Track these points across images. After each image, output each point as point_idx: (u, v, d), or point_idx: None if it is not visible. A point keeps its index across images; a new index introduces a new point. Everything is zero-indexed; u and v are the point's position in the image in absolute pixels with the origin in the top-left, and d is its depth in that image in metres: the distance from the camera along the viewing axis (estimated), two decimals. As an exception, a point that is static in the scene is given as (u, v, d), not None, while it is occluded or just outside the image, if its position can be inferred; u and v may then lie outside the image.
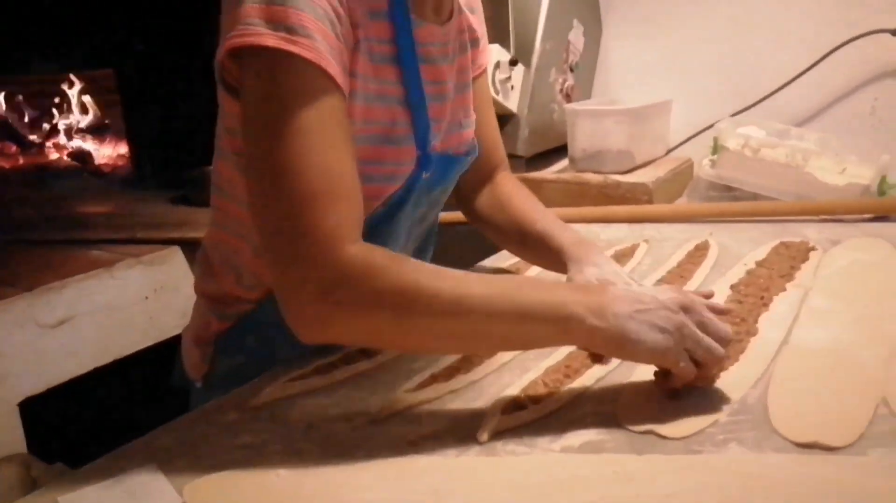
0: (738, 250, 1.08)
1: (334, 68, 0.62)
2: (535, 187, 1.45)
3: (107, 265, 1.34)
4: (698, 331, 0.62)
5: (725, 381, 0.67)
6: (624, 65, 1.71)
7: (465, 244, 1.18)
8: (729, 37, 1.56)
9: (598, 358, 0.72)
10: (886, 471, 0.54)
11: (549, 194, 1.44)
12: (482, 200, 0.97)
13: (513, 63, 1.37)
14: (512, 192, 0.96)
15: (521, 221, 0.93)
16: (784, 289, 0.91)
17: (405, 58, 0.74)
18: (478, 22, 0.90)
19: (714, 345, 0.62)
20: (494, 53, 1.35)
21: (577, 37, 1.58)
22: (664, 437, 0.59)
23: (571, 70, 1.58)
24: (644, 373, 0.68)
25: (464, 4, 0.86)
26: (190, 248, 1.48)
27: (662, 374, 0.64)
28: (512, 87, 1.42)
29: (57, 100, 2.47)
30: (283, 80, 0.61)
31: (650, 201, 1.33)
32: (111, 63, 2.15)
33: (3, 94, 2.41)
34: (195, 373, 0.86)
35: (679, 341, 0.61)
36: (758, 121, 1.44)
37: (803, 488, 0.52)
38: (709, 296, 0.73)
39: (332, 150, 0.61)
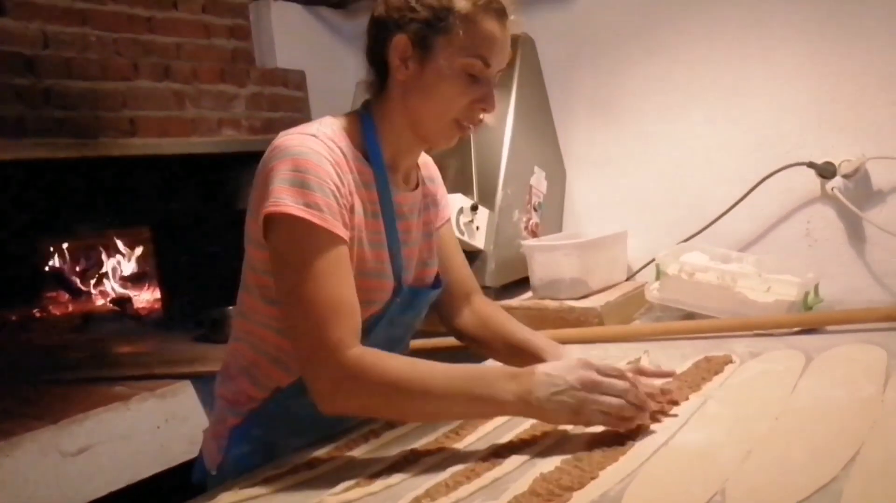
0: (666, 364, 1.20)
1: (339, 228, 0.90)
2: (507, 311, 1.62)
3: (124, 399, 1.52)
4: (598, 398, 0.87)
5: (601, 476, 0.80)
6: (588, 201, 1.91)
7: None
8: (674, 171, 1.75)
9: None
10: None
11: (519, 318, 1.60)
12: (464, 321, 1.19)
13: (474, 208, 1.58)
14: (489, 313, 1.20)
15: (503, 334, 1.17)
16: (687, 398, 1.03)
17: (386, 215, 1.00)
18: (436, 188, 1.16)
19: (612, 401, 0.88)
20: (457, 201, 1.56)
21: (538, 181, 1.79)
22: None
23: (536, 209, 1.78)
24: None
25: (425, 177, 1.13)
26: (200, 381, 1.67)
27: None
28: (477, 228, 1.61)
29: (103, 254, 2.78)
30: (302, 238, 0.89)
31: (601, 323, 1.48)
32: (146, 221, 2.46)
33: (56, 249, 2.72)
34: (211, 463, 1.05)
35: (584, 409, 0.87)
36: (703, 246, 1.60)
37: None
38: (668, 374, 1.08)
39: (338, 284, 0.90)
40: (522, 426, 0.98)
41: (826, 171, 1.53)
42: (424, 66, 0.96)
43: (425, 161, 1.15)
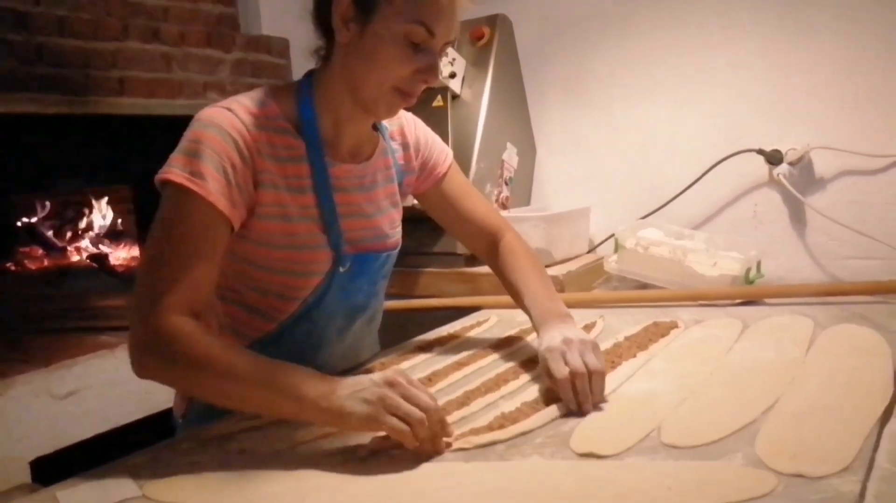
0: (618, 328, 1.33)
1: (219, 202, 0.90)
2: (472, 279, 1.74)
3: (111, 347, 1.61)
4: (399, 400, 0.80)
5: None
6: (556, 177, 2.02)
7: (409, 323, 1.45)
8: (637, 153, 1.87)
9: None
10: (632, 469, 0.78)
11: (484, 286, 1.71)
12: (495, 262, 1.23)
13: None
14: (510, 257, 1.20)
15: (513, 286, 1.19)
16: (635, 356, 1.15)
17: (319, 188, 1.00)
18: (417, 153, 1.17)
19: (412, 409, 0.80)
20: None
21: (510, 156, 1.90)
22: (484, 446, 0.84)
23: (506, 183, 1.89)
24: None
25: (398, 146, 1.14)
26: (182, 333, 1.75)
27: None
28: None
29: (80, 211, 2.81)
30: (177, 202, 0.90)
31: (562, 291, 1.60)
32: (126, 180, 2.51)
33: (32, 204, 2.75)
34: (178, 412, 1.12)
35: (382, 408, 0.80)
36: (658, 223, 1.72)
37: (578, 482, 0.76)
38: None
39: (192, 254, 0.89)
40: (487, 376, 1.09)
41: (774, 158, 1.67)
42: (365, 29, 0.93)
43: (401, 127, 1.15)
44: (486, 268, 1.75)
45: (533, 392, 1.02)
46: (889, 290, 1.37)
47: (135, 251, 2.72)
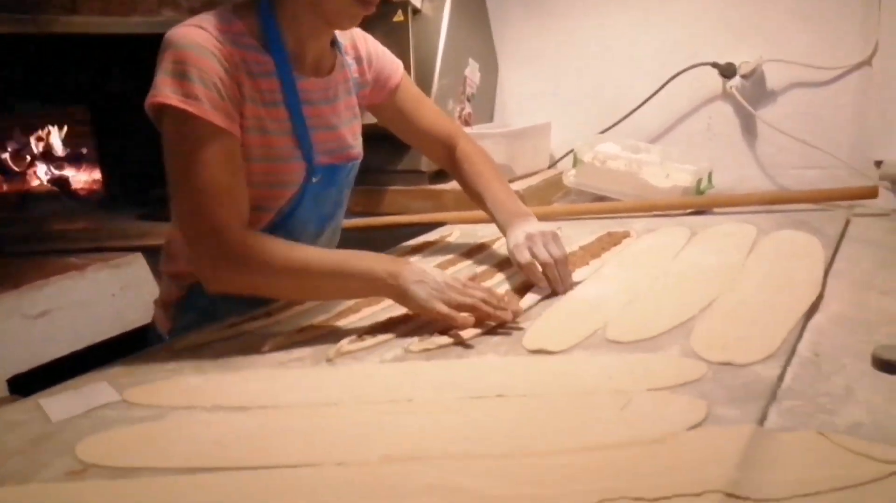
0: (575, 238, 1.39)
1: (219, 119, 0.95)
2: (436, 196, 1.78)
3: (80, 268, 1.63)
4: (453, 293, 0.95)
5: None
6: (518, 94, 2.04)
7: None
8: (597, 69, 1.90)
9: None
10: (577, 362, 0.85)
11: (446, 202, 1.76)
12: (452, 168, 1.29)
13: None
14: (467, 163, 1.26)
15: (474, 191, 1.25)
16: (587, 263, 1.22)
17: (290, 102, 1.05)
18: (371, 66, 1.21)
19: (464, 299, 0.94)
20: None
21: (472, 72, 1.91)
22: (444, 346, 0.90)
23: (469, 100, 1.90)
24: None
25: (352, 59, 1.18)
26: (150, 254, 1.77)
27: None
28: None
29: (38, 133, 2.76)
30: (183, 128, 0.94)
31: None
32: (84, 101, 2.46)
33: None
34: (163, 329, 1.18)
35: (439, 298, 0.94)
36: (616, 138, 1.77)
37: (527, 374, 0.83)
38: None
39: (219, 171, 0.95)
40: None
41: (727, 71, 1.70)
42: None
43: (353, 41, 1.18)
44: (448, 185, 1.80)
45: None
46: (829, 198, 1.45)
47: (96, 174, 2.69)
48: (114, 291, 1.69)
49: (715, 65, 1.71)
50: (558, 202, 1.75)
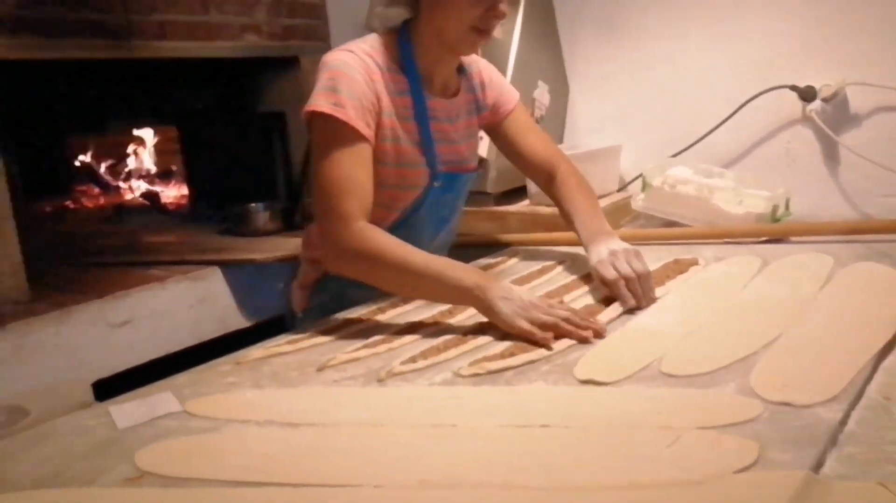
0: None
1: (360, 126, 1.12)
2: (501, 218, 1.78)
3: (161, 280, 1.72)
4: (537, 313, 1.01)
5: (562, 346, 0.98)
6: (589, 115, 2.02)
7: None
8: (670, 91, 1.86)
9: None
10: (626, 395, 0.83)
11: (512, 223, 1.76)
12: (551, 192, 1.39)
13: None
14: (564, 186, 1.36)
15: (566, 212, 1.35)
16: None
17: (420, 118, 1.22)
18: (488, 93, 1.34)
19: (547, 318, 1.01)
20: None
21: (541, 94, 1.90)
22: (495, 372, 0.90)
23: (538, 122, 1.90)
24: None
25: (476, 85, 1.33)
26: (227, 268, 1.85)
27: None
28: (481, 137, 1.74)
29: (131, 150, 2.94)
30: (327, 130, 1.12)
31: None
32: (174, 120, 2.60)
33: (87, 145, 2.88)
34: (298, 308, 1.37)
35: (523, 316, 1.01)
36: (688, 162, 1.72)
37: (573, 404, 0.82)
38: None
39: (352, 169, 1.12)
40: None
41: (807, 95, 1.64)
42: None
43: (479, 69, 1.35)
44: (514, 207, 1.80)
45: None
46: (915, 229, 1.36)
47: (183, 189, 2.83)
48: (191, 303, 1.77)
49: (794, 88, 1.65)
50: (626, 226, 1.72)
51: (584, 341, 0.99)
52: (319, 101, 1.12)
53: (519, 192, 1.83)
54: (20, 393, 1.38)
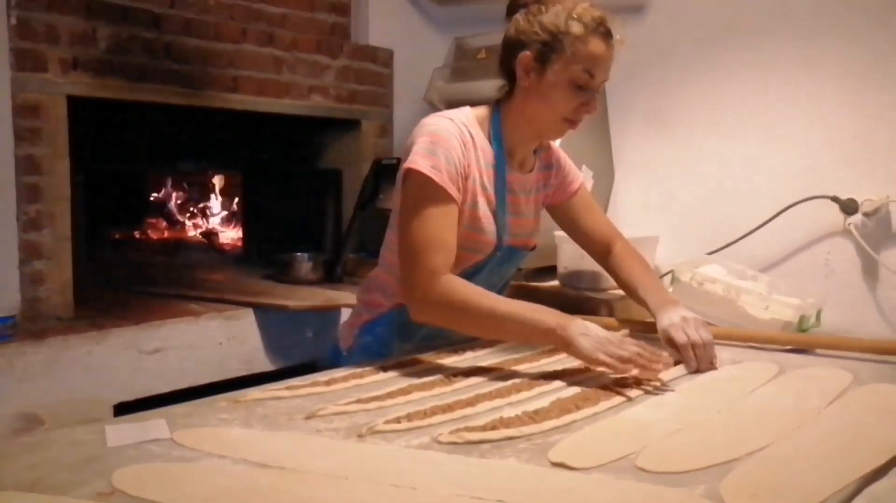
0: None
1: (451, 189, 1.21)
2: (532, 293, 1.80)
3: (195, 314, 1.80)
4: (613, 347, 1.14)
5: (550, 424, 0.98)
6: (632, 203, 2.04)
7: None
8: (713, 188, 1.87)
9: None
10: (591, 483, 0.83)
11: (539, 300, 1.77)
12: (608, 264, 1.48)
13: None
14: (622, 260, 1.46)
15: (627, 282, 1.44)
16: (659, 385, 1.18)
17: (498, 189, 1.30)
18: (556, 173, 1.45)
19: (623, 353, 1.13)
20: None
21: (585, 178, 1.93)
22: (473, 443, 0.91)
23: (577, 205, 1.93)
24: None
25: (549, 164, 1.43)
26: (260, 311, 1.92)
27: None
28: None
29: (201, 191, 3.11)
30: (422, 189, 1.21)
31: (611, 315, 1.63)
32: (238, 167, 2.75)
33: (162, 182, 3.07)
34: (345, 345, 1.43)
35: (601, 349, 1.13)
36: (724, 261, 1.71)
37: (532, 485, 0.82)
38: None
39: (441, 227, 1.21)
40: (503, 384, 1.16)
41: (848, 207, 1.62)
42: (542, 77, 1.24)
43: (552, 150, 1.44)
44: (541, 285, 1.82)
45: (538, 404, 1.08)
46: (947, 356, 1.31)
47: (240, 232, 2.97)
48: (221, 340, 1.85)
49: (835, 199, 1.63)
50: (649, 318, 1.71)
51: (654, 374, 1.13)
52: (419, 161, 1.20)
53: (550, 271, 1.85)
54: (44, 404, 1.47)
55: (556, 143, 1.46)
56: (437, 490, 0.79)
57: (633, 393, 1.11)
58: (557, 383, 1.17)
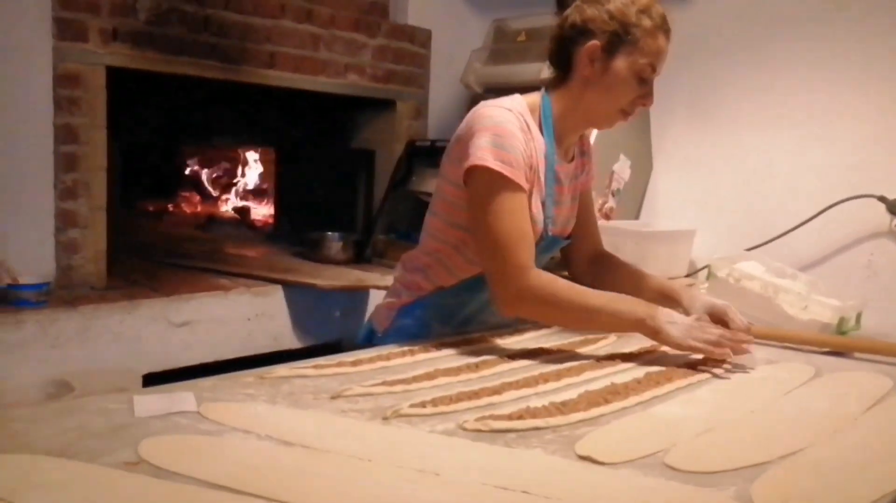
0: (685, 353, 1.32)
1: (522, 181, 1.21)
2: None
3: (225, 289, 1.81)
4: (699, 332, 1.19)
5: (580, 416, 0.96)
6: (669, 196, 2.00)
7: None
8: (754, 183, 1.82)
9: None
10: (618, 479, 0.81)
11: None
12: (592, 268, 1.48)
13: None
14: (617, 261, 1.48)
15: (635, 278, 1.42)
16: (684, 380, 1.16)
17: (548, 179, 1.29)
18: (588, 161, 1.44)
19: (710, 337, 1.19)
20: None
21: (622, 168, 1.90)
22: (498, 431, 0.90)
23: (613, 195, 1.90)
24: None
25: (581, 151, 1.41)
26: (289, 289, 1.93)
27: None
28: (552, 202, 1.76)
29: (234, 166, 3.13)
30: (496, 185, 1.19)
31: (643, 308, 1.59)
32: (273, 143, 2.76)
33: (196, 155, 3.09)
34: (380, 327, 1.40)
35: (688, 335, 1.18)
36: (763, 258, 1.67)
37: (558, 478, 0.80)
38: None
39: (521, 221, 1.21)
40: (530, 373, 1.14)
41: (895, 208, 1.56)
42: (608, 67, 1.22)
43: (587, 138, 1.43)
44: (575, 275, 1.79)
45: (566, 395, 1.06)
46: None
47: (271, 209, 2.98)
48: (249, 316, 1.86)
49: (882, 199, 1.58)
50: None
51: (742, 353, 1.20)
52: (487, 157, 1.18)
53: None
54: (75, 370, 1.49)
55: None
56: (461, 477, 0.78)
57: (717, 370, 1.18)
58: (623, 365, 1.21)
